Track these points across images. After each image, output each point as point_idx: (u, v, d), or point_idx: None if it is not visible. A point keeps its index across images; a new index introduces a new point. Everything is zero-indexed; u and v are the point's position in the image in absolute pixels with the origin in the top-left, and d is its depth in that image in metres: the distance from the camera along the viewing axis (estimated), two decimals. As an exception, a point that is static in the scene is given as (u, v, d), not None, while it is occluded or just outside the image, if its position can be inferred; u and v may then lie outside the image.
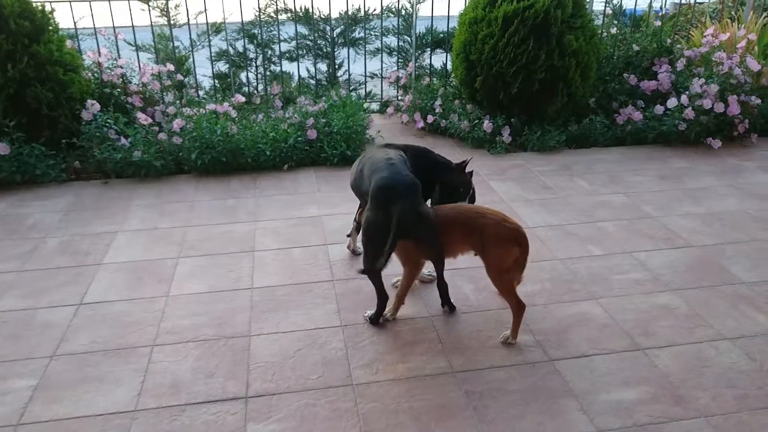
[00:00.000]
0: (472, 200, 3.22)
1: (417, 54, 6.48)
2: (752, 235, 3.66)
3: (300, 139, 4.85)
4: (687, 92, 5.16)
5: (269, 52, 6.33)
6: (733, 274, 3.24)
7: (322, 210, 4.08)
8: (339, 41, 6.54)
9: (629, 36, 6.05)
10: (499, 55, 5.03)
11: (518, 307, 2.74)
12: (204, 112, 5.00)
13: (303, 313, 2.98)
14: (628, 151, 5.11)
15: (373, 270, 2.75)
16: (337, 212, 4.05)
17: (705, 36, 5.63)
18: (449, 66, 6.23)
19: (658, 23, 6.09)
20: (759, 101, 5.19)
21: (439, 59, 6.59)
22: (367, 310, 2.93)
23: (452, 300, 2.98)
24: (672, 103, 5.12)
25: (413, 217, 2.59)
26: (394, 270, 2.87)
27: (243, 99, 5.33)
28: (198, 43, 6.26)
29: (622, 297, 3.06)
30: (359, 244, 3.43)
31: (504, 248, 2.69)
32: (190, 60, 6.10)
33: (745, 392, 2.42)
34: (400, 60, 6.72)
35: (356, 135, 4.96)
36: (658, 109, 5.20)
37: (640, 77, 5.62)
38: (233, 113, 5.13)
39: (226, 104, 5.10)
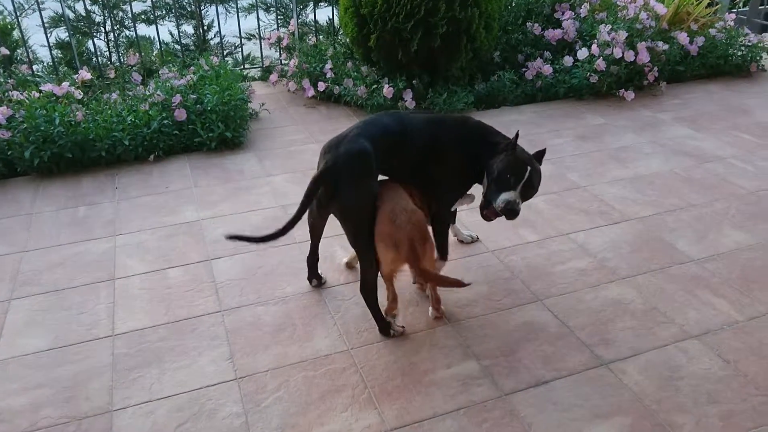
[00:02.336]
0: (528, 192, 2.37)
1: (299, 9, 5.67)
2: (687, 199, 3.35)
3: (166, 121, 3.98)
4: (595, 41, 4.79)
5: (119, 13, 5.26)
6: (680, 250, 2.90)
7: (202, 212, 3.32)
8: (205, -3, 5.59)
9: (527, -20, 5.57)
10: (394, 8, 4.37)
11: (392, 298, 2.39)
12: (38, 95, 3.98)
13: (185, 365, 2.28)
14: (541, 108, 4.70)
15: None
16: (221, 212, 3.30)
17: (606, -22, 5.27)
18: (336, 21, 5.49)
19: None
20: (665, 47, 4.93)
21: (324, 14, 5.82)
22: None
23: (370, 320, 2.41)
24: (583, 53, 4.73)
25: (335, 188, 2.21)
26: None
27: (88, 75, 4.33)
28: (26, 7, 5.07)
29: (570, 294, 2.61)
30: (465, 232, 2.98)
31: (378, 244, 2.24)
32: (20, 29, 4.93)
33: (729, 408, 2.05)
34: (279, 17, 5.87)
35: (236, 111, 4.15)
36: (567, 60, 4.81)
37: (543, 26, 5.20)
38: (78, 94, 4.14)
39: (66, 84, 4.09)
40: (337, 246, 2.95)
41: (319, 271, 2.71)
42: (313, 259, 2.68)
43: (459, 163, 2.43)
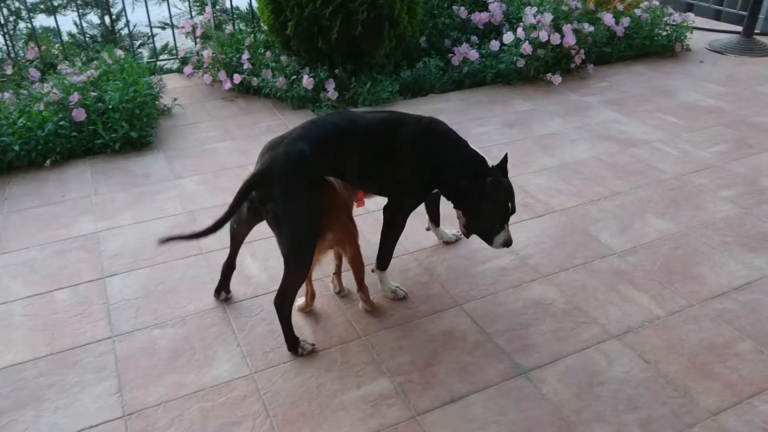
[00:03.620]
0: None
1: (215, -5, 5.34)
2: (611, 187, 3.28)
3: (64, 122, 3.65)
4: (521, 24, 4.68)
5: (14, 3, 4.82)
6: (603, 243, 2.82)
7: (100, 222, 3.04)
8: (112, -17, 5.18)
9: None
10: (311, -7, 4.14)
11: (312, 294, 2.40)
12: None
13: (66, 403, 2.04)
14: (468, 95, 4.56)
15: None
16: (122, 222, 3.03)
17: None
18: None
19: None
20: (591, 28, 4.86)
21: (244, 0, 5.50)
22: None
23: (277, 338, 2.23)
24: (508, 38, 4.61)
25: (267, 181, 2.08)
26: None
27: (-28, 74, 3.93)
28: None
29: (490, 297, 2.49)
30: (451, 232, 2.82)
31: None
32: None
33: (649, 414, 1.96)
34: (195, 3, 5.53)
35: (143, 109, 3.84)
36: (494, 45, 4.68)
37: (470, 9, 5.05)
38: (-38, 95, 3.75)
39: (-55, 85, 3.70)
40: (247, 256, 2.74)
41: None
42: (228, 268, 2.48)
43: (420, 168, 2.26)
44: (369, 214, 2.96)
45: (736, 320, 2.34)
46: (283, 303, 2.19)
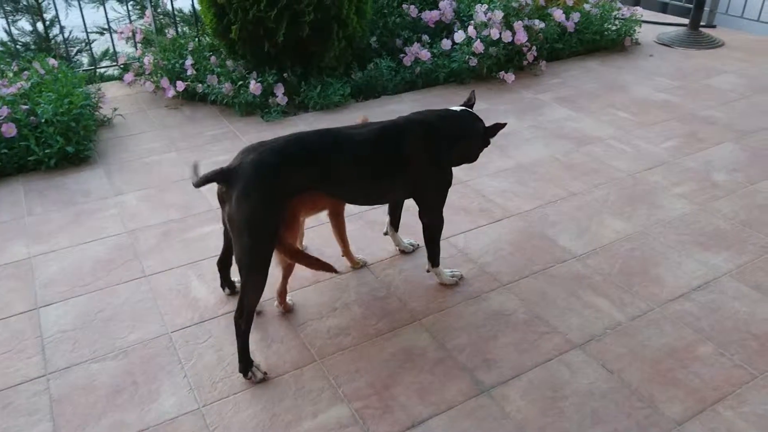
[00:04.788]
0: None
1: (155, -2, 5.12)
2: (568, 188, 3.24)
3: (-8, 139, 3.42)
4: (472, 21, 4.62)
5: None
6: (562, 246, 2.77)
7: (34, 246, 2.84)
8: (44, -13, 4.91)
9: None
10: (254, -5, 3.98)
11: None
12: None
13: (-7, 453, 1.87)
14: (421, 96, 4.47)
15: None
16: (57, 245, 2.84)
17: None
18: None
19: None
20: (542, 25, 4.84)
21: (186, 1, 5.28)
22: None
23: (226, 367, 2.10)
24: (460, 36, 4.55)
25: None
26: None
27: None
28: None
29: (450, 310, 2.41)
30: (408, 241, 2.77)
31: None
32: None
33: (614, 427, 1.91)
34: (136, 6, 5.29)
35: (79, 121, 3.63)
36: (446, 43, 4.61)
37: (420, 7, 4.97)
38: None
39: None
40: (193, 277, 2.59)
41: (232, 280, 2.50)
42: (222, 264, 2.44)
43: (440, 160, 2.37)
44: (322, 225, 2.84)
45: (696, 322, 2.32)
46: (240, 318, 2.08)
